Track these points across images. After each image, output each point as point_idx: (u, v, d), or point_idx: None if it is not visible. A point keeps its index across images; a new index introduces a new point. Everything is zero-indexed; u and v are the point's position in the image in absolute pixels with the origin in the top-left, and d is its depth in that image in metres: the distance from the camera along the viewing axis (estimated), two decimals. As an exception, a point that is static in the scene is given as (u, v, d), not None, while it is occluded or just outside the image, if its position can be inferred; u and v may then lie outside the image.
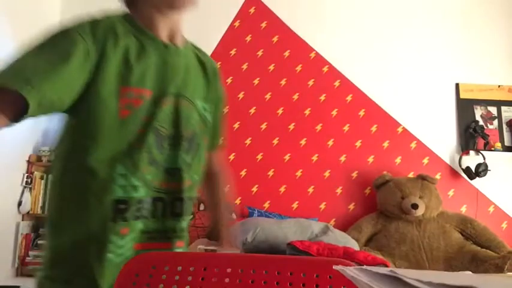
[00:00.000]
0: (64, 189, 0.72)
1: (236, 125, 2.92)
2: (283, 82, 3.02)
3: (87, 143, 0.70)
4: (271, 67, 3.04)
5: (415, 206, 2.52)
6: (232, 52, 3.05)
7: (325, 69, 3.05)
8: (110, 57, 0.71)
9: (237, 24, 3.10)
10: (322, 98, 3.00)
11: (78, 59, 0.66)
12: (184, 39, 0.86)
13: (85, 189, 0.70)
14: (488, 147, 2.90)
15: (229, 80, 2.99)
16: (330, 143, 2.94)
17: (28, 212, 2.55)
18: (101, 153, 0.70)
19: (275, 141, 2.91)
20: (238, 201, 2.79)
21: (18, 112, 0.61)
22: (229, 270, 0.71)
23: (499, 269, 2.23)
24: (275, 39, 3.06)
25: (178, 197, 0.78)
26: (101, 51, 0.70)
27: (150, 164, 0.74)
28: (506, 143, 2.95)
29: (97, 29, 0.74)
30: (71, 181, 0.72)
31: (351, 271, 0.38)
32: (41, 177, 2.63)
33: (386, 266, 2.05)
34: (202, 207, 2.54)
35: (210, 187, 1.01)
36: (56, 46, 0.70)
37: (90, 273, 0.70)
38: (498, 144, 2.93)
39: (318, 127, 2.96)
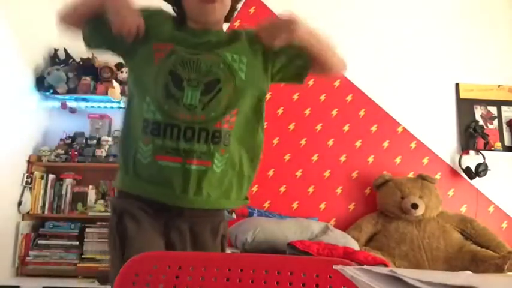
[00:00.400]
0: (124, 114, 1.06)
1: (236, 125, 2.92)
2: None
3: (133, 85, 1.05)
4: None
5: (415, 206, 2.52)
6: (232, 52, 3.05)
7: (325, 69, 3.04)
8: (153, 26, 1.02)
9: (237, 24, 3.10)
10: (322, 98, 3.00)
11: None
12: (221, 26, 1.10)
13: (130, 112, 1.03)
14: (488, 147, 2.90)
15: (229, 80, 3.00)
16: (330, 143, 2.94)
17: (28, 212, 2.55)
18: (139, 89, 1.01)
19: (275, 141, 2.91)
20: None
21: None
22: (229, 270, 0.71)
23: (499, 269, 2.23)
24: (275, 39, 3.06)
25: (190, 126, 0.97)
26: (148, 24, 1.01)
27: (167, 97, 0.97)
28: (506, 143, 2.95)
29: (152, 14, 1.03)
30: (127, 110, 1.06)
31: (351, 271, 0.38)
32: (41, 177, 2.63)
33: (386, 266, 2.05)
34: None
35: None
36: None
37: (129, 167, 1.01)
38: (498, 144, 2.93)
39: (318, 127, 2.96)
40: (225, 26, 1.17)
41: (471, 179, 2.82)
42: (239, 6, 1.17)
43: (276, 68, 1.14)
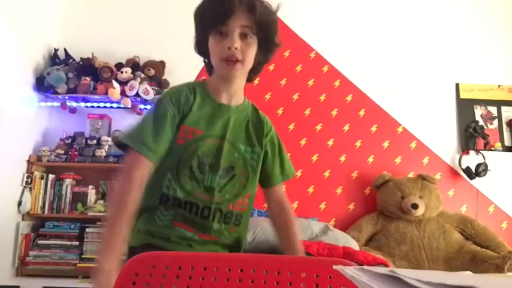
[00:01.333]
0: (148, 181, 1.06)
1: (236, 125, 2.93)
2: (283, 82, 3.02)
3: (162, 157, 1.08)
4: (271, 67, 3.04)
5: (415, 206, 2.52)
6: (232, 52, 3.05)
7: (325, 69, 3.05)
8: (181, 107, 1.08)
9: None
10: (322, 98, 3.00)
11: (169, 122, 1.05)
12: (242, 100, 1.17)
13: (152, 182, 1.04)
14: (488, 147, 2.90)
15: (229, 80, 3.00)
16: (330, 143, 2.94)
17: (28, 212, 2.55)
18: (163, 164, 1.05)
19: (275, 141, 2.91)
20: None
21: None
22: (229, 270, 0.71)
23: (499, 269, 2.24)
24: (275, 39, 3.06)
25: (208, 206, 1.05)
26: (179, 111, 1.07)
27: (190, 178, 1.05)
28: (506, 143, 2.95)
29: (178, 97, 1.08)
30: (151, 177, 1.06)
31: (351, 271, 0.38)
32: (41, 177, 2.63)
33: (386, 266, 2.05)
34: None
35: (280, 227, 1.21)
36: (155, 117, 1.05)
37: (144, 226, 1.06)
38: (498, 144, 2.93)
39: (318, 127, 2.96)
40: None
41: (471, 179, 2.82)
42: (262, 68, 1.20)
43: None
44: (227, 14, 1.02)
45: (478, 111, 3.01)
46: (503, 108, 3.01)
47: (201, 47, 1.11)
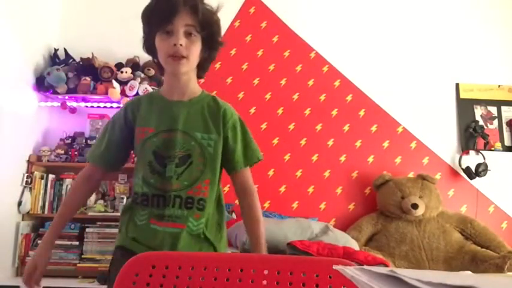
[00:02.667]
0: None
1: (236, 125, 2.92)
2: (283, 82, 3.02)
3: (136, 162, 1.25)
4: (271, 67, 3.04)
5: (415, 206, 2.52)
6: (232, 52, 3.05)
7: (325, 69, 3.05)
8: (136, 112, 1.23)
9: (237, 24, 3.10)
10: (322, 98, 3.00)
11: (111, 128, 1.24)
12: (197, 94, 1.23)
13: (133, 185, 1.23)
14: (488, 147, 2.90)
15: (229, 80, 3.00)
16: (330, 143, 2.94)
17: (28, 212, 2.55)
18: (136, 167, 1.21)
19: (275, 141, 2.91)
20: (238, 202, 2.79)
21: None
22: (229, 270, 0.71)
23: (499, 269, 2.24)
24: (275, 39, 3.06)
25: (168, 194, 1.14)
26: (128, 116, 1.22)
27: (152, 173, 1.16)
28: (506, 143, 2.95)
29: (126, 106, 1.25)
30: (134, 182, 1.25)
31: (351, 271, 0.38)
32: (41, 177, 2.63)
33: (386, 266, 2.05)
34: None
35: (244, 212, 1.26)
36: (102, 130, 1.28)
37: (129, 227, 1.18)
38: (498, 144, 2.93)
39: (318, 127, 2.96)
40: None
41: (471, 179, 2.82)
42: (208, 66, 1.26)
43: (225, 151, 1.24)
44: (172, 13, 1.10)
45: (478, 111, 3.01)
46: (503, 108, 3.01)
47: (149, 46, 1.20)
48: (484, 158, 2.84)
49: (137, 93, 2.68)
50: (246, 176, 1.26)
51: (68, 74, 2.73)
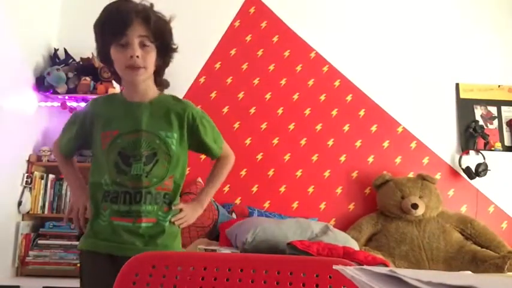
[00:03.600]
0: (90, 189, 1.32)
1: (236, 125, 2.93)
2: (283, 82, 3.02)
3: (93, 164, 1.32)
4: (271, 67, 3.04)
5: (415, 206, 2.52)
6: (232, 52, 3.05)
7: (325, 69, 3.05)
8: (98, 116, 1.29)
9: (237, 24, 3.10)
10: (322, 98, 3.00)
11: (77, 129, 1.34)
12: (156, 95, 1.29)
13: (92, 186, 1.29)
14: (488, 147, 2.90)
15: (229, 80, 3.00)
16: (330, 143, 2.94)
17: (28, 212, 2.55)
18: (96, 168, 1.28)
19: (275, 141, 2.91)
20: (238, 201, 2.79)
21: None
22: (229, 270, 0.71)
23: (499, 269, 2.24)
24: (275, 39, 3.06)
25: (139, 191, 1.20)
26: (87, 117, 1.30)
27: (118, 173, 1.21)
28: (506, 143, 2.95)
29: (94, 108, 1.31)
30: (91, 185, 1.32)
31: (351, 271, 0.38)
32: (41, 177, 2.63)
33: (386, 265, 2.05)
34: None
35: (216, 166, 1.41)
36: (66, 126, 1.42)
37: (92, 228, 1.26)
38: (498, 144, 2.93)
39: (318, 127, 2.96)
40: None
41: (471, 179, 2.82)
42: (164, 71, 1.31)
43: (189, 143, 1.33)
44: (125, 25, 1.14)
45: (478, 111, 3.01)
46: (503, 108, 3.01)
47: (103, 57, 1.24)
48: (484, 158, 2.84)
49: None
50: (224, 154, 1.39)
51: (68, 74, 2.73)
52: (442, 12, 3.15)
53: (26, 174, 2.56)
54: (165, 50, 1.24)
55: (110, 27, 1.16)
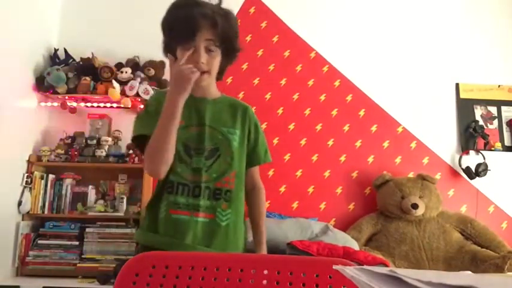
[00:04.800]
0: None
1: (236, 125, 2.92)
2: (283, 82, 3.02)
3: None
4: (271, 67, 3.04)
5: (415, 206, 2.52)
6: (232, 52, 3.05)
7: (325, 69, 3.05)
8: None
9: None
10: (322, 98, 3.00)
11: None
12: (218, 95, 1.31)
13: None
14: (488, 147, 2.90)
15: (229, 80, 2.99)
16: (330, 143, 2.94)
17: (28, 212, 2.55)
18: None
19: (275, 141, 2.91)
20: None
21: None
22: (229, 270, 0.71)
23: (499, 269, 2.24)
24: (275, 39, 3.06)
25: (198, 185, 1.18)
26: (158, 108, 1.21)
27: (180, 161, 1.19)
28: (506, 143, 2.95)
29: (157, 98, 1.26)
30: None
31: (351, 271, 0.38)
32: (41, 177, 2.63)
33: (386, 265, 2.05)
34: None
35: (252, 206, 1.35)
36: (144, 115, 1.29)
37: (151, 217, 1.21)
38: (498, 144, 2.93)
39: (318, 127, 2.96)
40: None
41: (471, 179, 2.82)
42: (226, 69, 1.31)
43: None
44: (194, 30, 1.15)
45: (478, 111, 3.00)
46: (503, 108, 3.01)
47: (169, 51, 1.23)
48: (484, 158, 2.84)
49: (137, 93, 2.68)
50: (257, 172, 1.37)
51: (68, 74, 2.73)
52: (442, 12, 3.14)
53: (26, 174, 2.56)
54: (231, 52, 1.25)
55: (178, 31, 1.17)
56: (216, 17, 1.17)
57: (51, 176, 2.65)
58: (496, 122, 2.98)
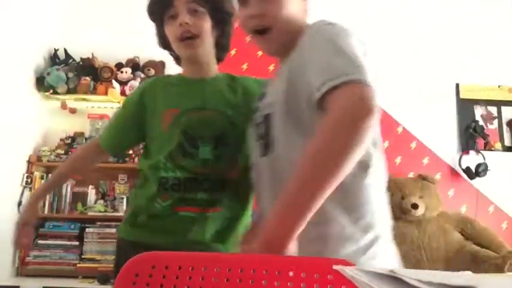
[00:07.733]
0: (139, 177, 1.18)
1: (236, 125, 2.92)
2: (283, 82, 3.02)
3: (150, 147, 1.14)
4: (271, 67, 3.04)
5: (415, 206, 2.52)
6: (232, 52, 3.04)
7: (325, 69, 3.04)
8: (156, 96, 1.14)
9: (237, 24, 3.10)
10: (322, 98, 3.00)
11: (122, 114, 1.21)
12: (215, 74, 1.18)
13: (145, 170, 1.11)
14: (488, 147, 2.90)
15: (229, 80, 3.00)
16: (330, 143, 2.93)
17: (28, 212, 2.55)
18: (153, 152, 1.10)
19: (275, 141, 2.91)
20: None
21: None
22: (229, 270, 0.71)
23: (499, 269, 2.24)
24: (275, 39, 3.06)
25: (207, 178, 1.05)
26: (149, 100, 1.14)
27: (184, 156, 1.06)
28: (506, 143, 2.95)
29: (150, 87, 1.16)
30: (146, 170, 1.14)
31: (351, 271, 0.38)
32: (41, 177, 2.63)
33: (387, 266, 2.05)
34: None
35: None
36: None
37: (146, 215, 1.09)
38: (498, 144, 2.93)
39: (318, 127, 2.96)
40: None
41: (471, 179, 2.82)
42: (226, 43, 1.22)
43: None
44: None
45: (478, 112, 3.01)
46: (503, 108, 3.01)
47: (162, 41, 1.15)
48: (484, 158, 2.84)
49: (137, 93, 2.68)
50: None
51: (68, 74, 2.73)
52: (442, 12, 3.14)
53: (26, 174, 2.56)
54: (220, 14, 1.12)
55: (158, 3, 1.09)
56: None
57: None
58: (496, 122, 2.98)
